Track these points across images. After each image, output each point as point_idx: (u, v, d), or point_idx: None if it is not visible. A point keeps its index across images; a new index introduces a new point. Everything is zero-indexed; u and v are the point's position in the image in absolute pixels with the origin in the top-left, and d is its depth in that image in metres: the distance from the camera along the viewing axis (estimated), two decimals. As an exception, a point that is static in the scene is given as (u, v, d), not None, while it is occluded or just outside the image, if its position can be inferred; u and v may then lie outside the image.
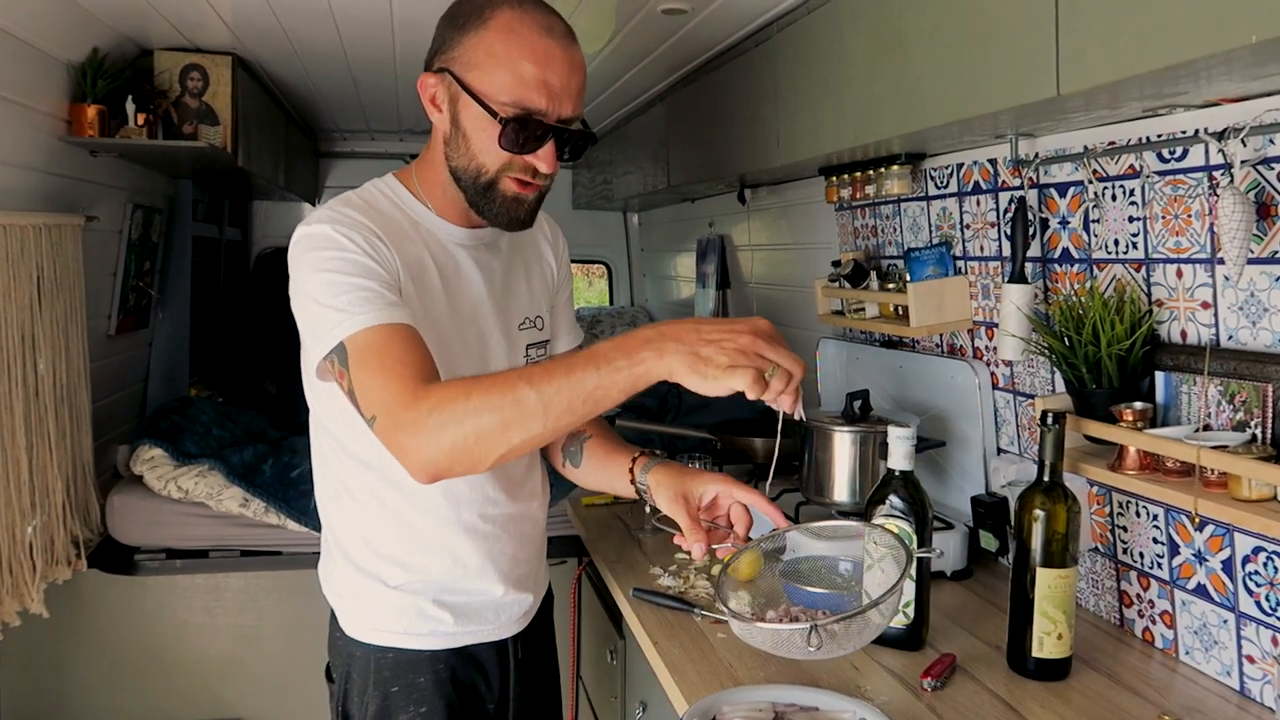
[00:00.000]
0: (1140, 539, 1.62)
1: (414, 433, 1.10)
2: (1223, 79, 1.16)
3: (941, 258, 2.05)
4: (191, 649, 2.71)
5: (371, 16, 2.31)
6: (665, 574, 1.94)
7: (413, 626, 1.43)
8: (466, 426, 1.07)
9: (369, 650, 1.44)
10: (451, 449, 1.09)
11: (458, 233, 1.41)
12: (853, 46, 1.77)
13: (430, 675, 1.44)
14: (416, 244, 1.35)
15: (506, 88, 1.25)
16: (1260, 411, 1.34)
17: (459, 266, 1.40)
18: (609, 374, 1.04)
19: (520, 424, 1.07)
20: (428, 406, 1.09)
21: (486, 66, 1.26)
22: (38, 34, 2.14)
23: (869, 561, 1.57)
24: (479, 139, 1.29)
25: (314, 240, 1.25)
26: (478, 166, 1.30)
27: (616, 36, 2.41)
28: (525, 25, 1.26)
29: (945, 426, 2.12)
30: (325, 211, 1.30)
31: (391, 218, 1.35)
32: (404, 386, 1.13)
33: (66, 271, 2.34)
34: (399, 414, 1.11)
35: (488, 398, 1.07)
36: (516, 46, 1.25)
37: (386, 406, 1.13)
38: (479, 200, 1.33)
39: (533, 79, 1.24)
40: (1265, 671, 1.39)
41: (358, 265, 1.23)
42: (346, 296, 1.19)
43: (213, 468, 2.64)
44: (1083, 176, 1.65)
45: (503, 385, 1.07)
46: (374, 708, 1.44)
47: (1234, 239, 1.28)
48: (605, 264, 5.00)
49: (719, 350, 1.00)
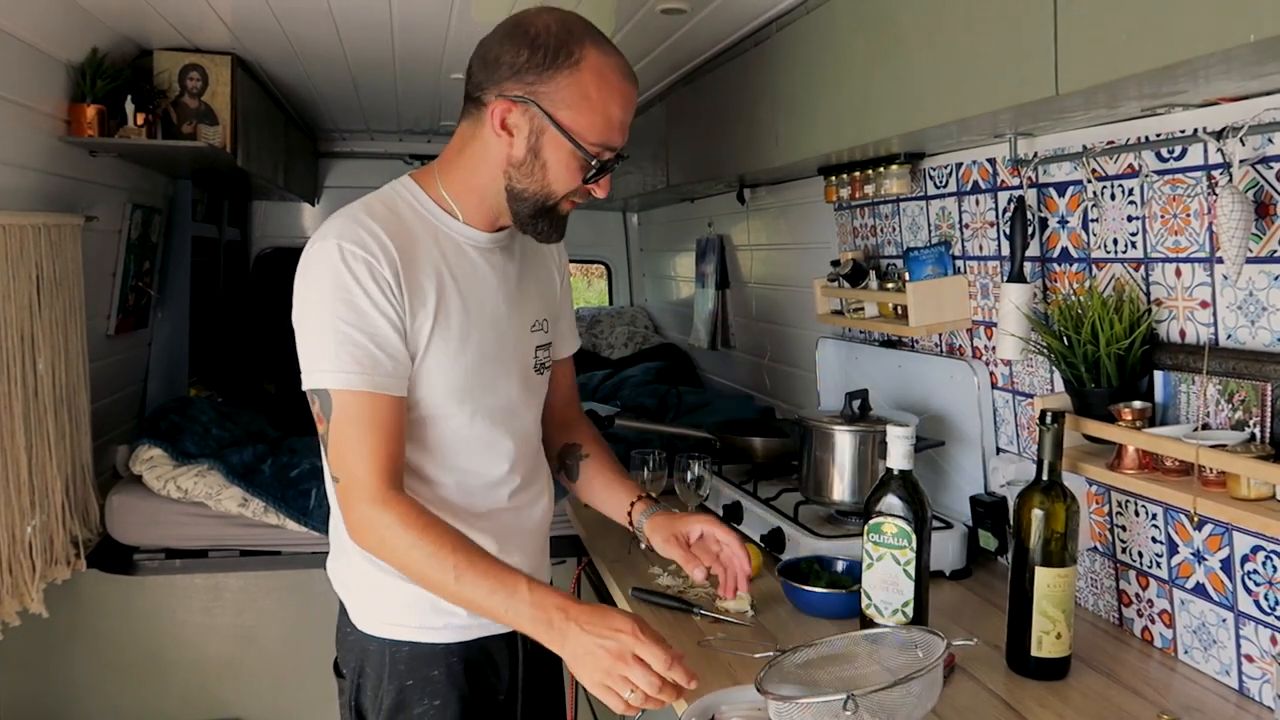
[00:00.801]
0: (1139, 538, 1.62)
1: (362, 528, 1.31)
2: (1221, 78, 1.16)
3: (940, 257, 2.05)
4: (190, 649, 2.71)
5: (371, 18, 2.31)
6: (665, 574, 1.95)
7: (427, 620, 1.44)
8: (397, 560, 1.30)
9: (383, 644, 1.45)
10: (380, 556, 1.32)
11: (478, 236, 1.44)
12: (851, 46, 1.77)
13: (444, 668, 1.46)
14: (434, 250, 1.39)
15: (598, 129, 1.33)
16: (1259, 410, 1.34)
17: (476, 269, 1.44)
18: (512, 616, 1.26)
19: (434, 589, 1.30)
20: (385, 522, 1.28)
21: (582, 109, 1.32)
22: (37, 34, 2.14)
23: (868, 561, 1.58)
24: (559, 170, 1.36)
25: (323, 266, 1.30)
26: (548, 192, 1.37)
27: (616, 36, 2.41)
28: (613, 71, 1.34)
29: (944, 426, 2.12)
30: (342, 225, 1.33)
31: (411, 225, 1.38)
32: (374, 482, 1.29)
33: (66, 271, 2.34)
34: (359, 504, 1.30)
35: (424, 566, 1.27)
36: (609, 93, 1.33)
37: (352, 486, 1.30)
38: (535, 218, 1.40)
39: (617, 120, 1.35)
40: (1264, 670, 1.39)
41: (357, 313, 1.29)
42: (342, 348, 1.28)
43: (212, 468, 2.64)
44: (1081, 176, 1.65)
45: (438, 564, 1.27)
46: (389, 701, 1.45)
47: (1233, 238, 1.28)
48: (604, 264, 5.00)
49: (598, 665, 1.20)
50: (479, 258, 1.44)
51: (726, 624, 1.71)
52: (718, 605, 1.77)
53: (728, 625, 1.71)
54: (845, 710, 1.12)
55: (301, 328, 1.32)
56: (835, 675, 1.28)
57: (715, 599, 1.80)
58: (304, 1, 2.20)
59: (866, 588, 1.58)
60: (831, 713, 1.13)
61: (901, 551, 1.53)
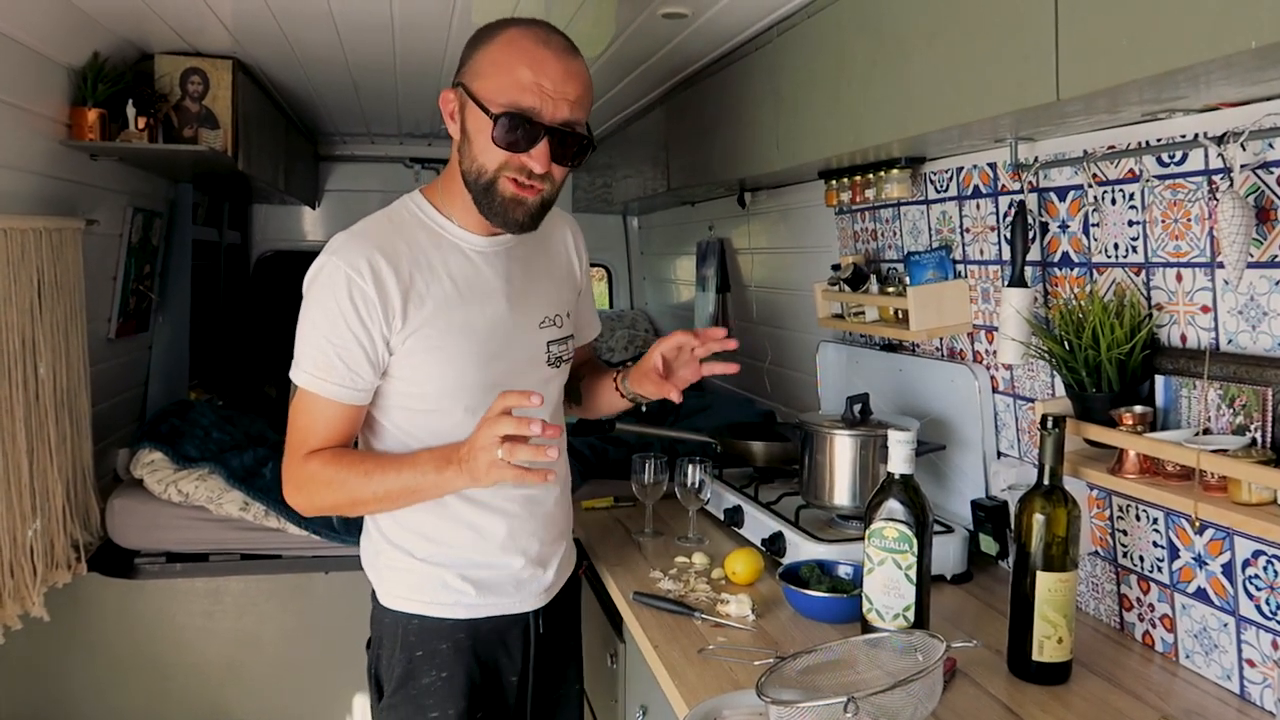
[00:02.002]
0: (1140, 543, 1.62)
1: (289, 485, 1.51)
2: (1222, 83, 1.16)
3: (941, 261, 2.06)
4: (191, 653, 2.71)
5: (372, 21, 2.31)
6: (665, 577, 1.94)
7: (437, 597, 1.57)
8: (321, 495, 1.49)
9: (397, 617, 1.58)
10: (310, 502, 1.51)
11: (478, 240, 1.54)
12: (852, 51, 1.77)
13: (451, 643, 1.57)
14: (436, 257, 1.50)
15: (503, 90, 1.40)
16: (1260, 415, 1.34)
17: (479, 273, 1.53)
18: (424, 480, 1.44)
19: (357, 499, 1.48)
20: (305, 470, 1.48)
21: (488, 74, 1.42)
22: (38, 38, 2.14)
23: (869, 565, 1.58)
24: (479, 140, 1.42)
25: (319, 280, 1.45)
26: (479, 167, 1.43)
27: (616, 41, 2.42)
28: (525, 38, 1.42)
29: (945, 430, 2.12)
30: (342, 243, 1.46)
31: (415, 236, 1.50)
32: (294, 452, 1.49)
33: (67, 275, 2.34)
34: (288, 467, 1.50)
35: (340, 484, 1.46)
36: (514, 54, 1.40)
37: (288, 456, 1.50)
38: (481, 201, 1.46)
39: (527, 82, 1.39)
40: (1266, 675, 1.39)
41: (336, 329, 1.44)
42: (318, 356, 1.45)
43: (213, 471, 2.64)
44: (1082, 180, 1.65)
45: (350, 476, 1.46)
46: (399, 670, 1.57)
47: (1233, 243, 1.28)
48: (605, 267, 5.00)
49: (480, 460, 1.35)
50: (480, 262, 1.54)
51: (728, 628, 1.71)
52: (719, 609, 1.77)
53: (729, 629, 1.71)
54: (845, 713, 1.12)
55: (299, 323, 1.49)
56: (836, 680, 1.29)
57: (717, 603, 1.80)
58: (305, 5, 2.20)
59: (868, 592, 1.58)
60: (832, 716, 1.13)
61: (903, 556, 1.53)
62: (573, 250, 1.72)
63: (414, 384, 1.50)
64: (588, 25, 2.28)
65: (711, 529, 2.28)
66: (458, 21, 2.29)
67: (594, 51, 2.55)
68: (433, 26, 2.35)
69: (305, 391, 1.48)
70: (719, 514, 2.28)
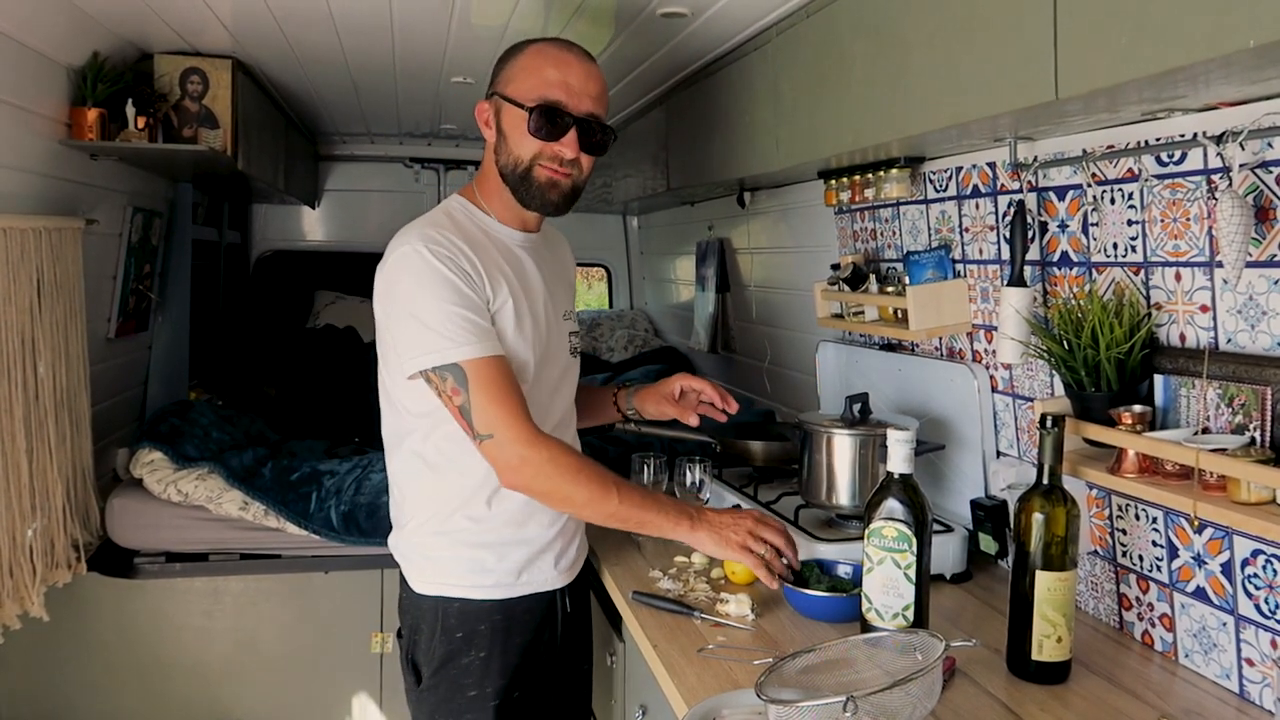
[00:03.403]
0: (1139, 542, 1.62)
1: (523, 469, 1.51)
2: (1221, 83, 1.16)
3: (940, 261, 2.06)
4: (191, 652, 2.71)
5: (372, 21, 2.31)
6: (665, 577, 1.95)
7: (475, 580, 1.65)
8: (560, 490, 1.54)
9: (436, 602, 1.65)
10: (541, 493, 1.55)
11: (516, 235, 1.70)
12: (851, 50, 1.77)
13: (489, 624, 1.65)
14: (491, 251, 1.63)
15: (535, 88, 1.60)
16: (1259, 414, 1.34)
17: (524, 264, 1.68)
18: (662, 520, 1.59)
19: (593, 513, 1.57)
20: (544, 458, 1.51)
21: (520, 78, 1.62)
22: (38, 38, 2.14)
23: (868, 565, 1.58)
24: (514, 135, 1.61)
25: (417, 263, 1.52)
26: (516, 159, 1.61)
27: (616, 40, 2.42)
28: (550, 47, 1.64)
29: (944, 430, 2.12)
30: (421, 231, 1.56)
31: (471, 231, 1.63)
32: (524, 426, 1.51)
33: (66, 275, 2.34)
34: (516, 448, 1.50)
35: (589, 490, 1.54)
36: (542, 59, 1.62)
37: (506, 436, 1.50)
38: (520, 188, 1.63)
39: (555, 80, 1.60)
40: (1265, 674, 1.39)
41: (459, 295, 1.52)
42: (455, 325, 1.50)
43: (212, 471, 2.64)
44: (1081, 180, 1.65)
45: (601, 488, 1.54)
46: (440, 652, 1.65)
47: (1232, 242, 1.28)
48: (604, 267, 5.00)
49: (734, 534, 1.60)
50: (523, 254, 1.69)
51: (727, 627, 1.71)
52: (718, 609, 1.77)
53: (728, 629, 1.71)
54: (845, 713, 1.12)
55: (406, 319, 1.53)
56: (835, 679, 1.29)
57: (716, 603, 1.80)
58: (304, 5, 2.20)
59: (867, 591, 1.58)
60: (831, 715, 1.13)
61: (902, 555, 1.53)
62: (571, 266, 1.91)
63: None
64: (587, 24, 2.28)
65: (711, 529, 2.28)
66: (457, 22, 2.29)
67: (594, 51, 2.54)
68: (432, 27, 2.35)
69: (472, 366, 1.49)
70: (718, 514, 2.28)
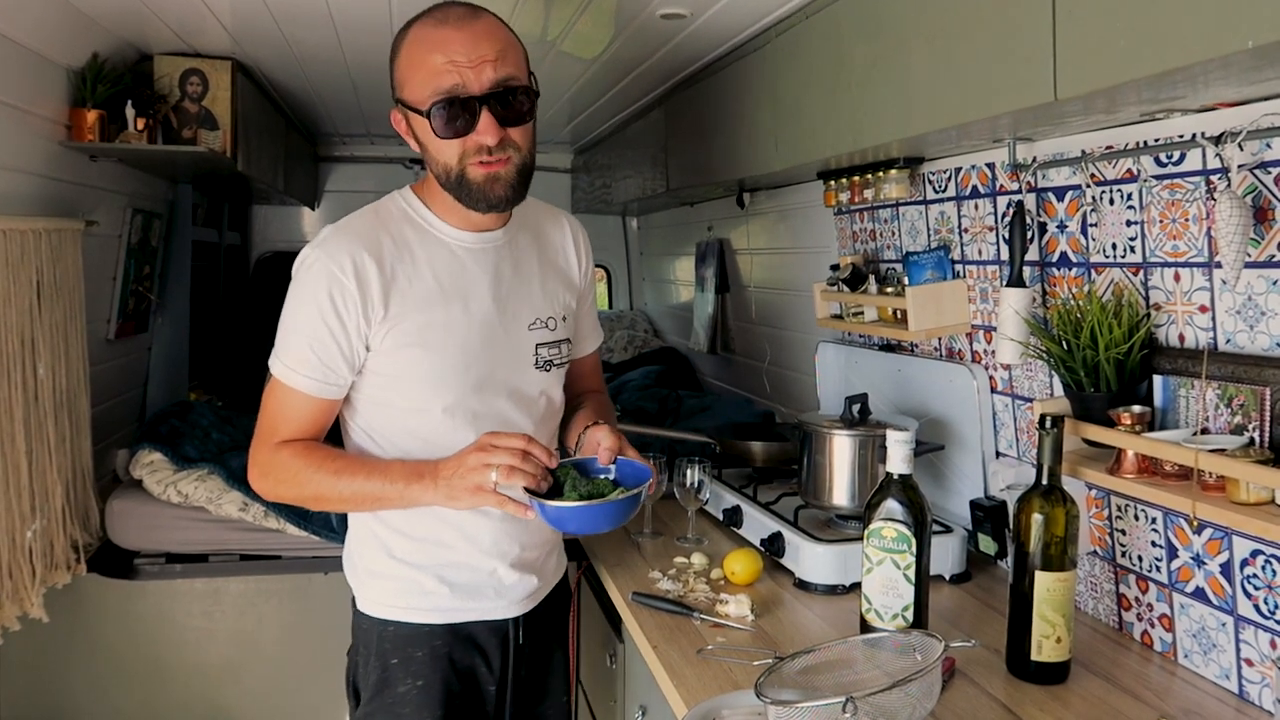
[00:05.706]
0: (1139, 542, 1.62)
1: (255, 473, 1.51)
2: (1220, 83, 1.16)
3: (940, 261, 2.06)
4: (190, 654, 2.71)
5: (371, 22, 2.31)
6: (664, 578, 1.95)
7: (411, 601, 1.54)
8: (288, 487, 1.49)
9: (374, 623, 1.56)
10: (277, 491, 1.50)
11: (464, 236, 1.52)
12: (851, 51, 1.77)
13: (427, 650, 1.55)
14: (417, 256, 1.48)
15: (424, 84, 1.39)
16: (1258, 415, 1.35)
17: (465, 269, 1.51)
18: (391, 489, 1.43)
19: (324, 497, 1.47)
20: (274, 460, 1.48)
21: (409, 78, 1.42)
22: (38, 39, 2.14)
23: (868, 565, 1.58)
24: (431, 142, 1.42)
25: (300, 274, 1.46)
26: (444, 166, 1.43)
27: (615, 41, 2.42)
28: (423, 28, 1.41)
29: (944, 430, 2.13)
30: (325, 238, 1.46)
31: (400, 232, 1.49)
32: (264, 439, 1.49)
33: (66, 276, 2.34)
34: (256, 453, 1.50)
35: (309, 480, 1.46)
36: (420, 48, 1.40)
37: (256, 442, 1.50)
38: (460, 194, 1.44)
39: (440, 66, 1.37)
40: (1264, 674, 1.39)
41: (310, 324, 1.44)
42: (294, 348, 1.46)
43: (212, 472, 2.64)
44: (1080, 180, 1.65)
45: (319, 472, 1.45)
46: (374, 678, 1.55)
47: (1231, 243, 1.28)
48: (604, 268, 5.00)
49: (460, 480, 1.37)
50: (467, 259, 1.51)
51: (727, 628, 1.71)
52: (718, 610, 1.77)
53: (728, 629, 1.71)
54: (844, 713, 1.12)
55: (282, 313, 1.50)
56: (834, 680, 1.29)
57: (716, 603, 1.80)
58: (304, 5, 2.20)
59: (867, 592, 1.59)
60: (830, 716, 1.13)
61: (901, 556, 1.53)
62: (573, 251, 1.66)
63: (392, 380, 1.48)
64: (586, 26, 2.28)
65: (710, 529, 2.28)
66: (457, 22, 2.29)
67: (593, 53, 2.55)
68: (432, 27, 2.35)
69: (279, 381, 1.48)
70: (718, 514, 2.28)
